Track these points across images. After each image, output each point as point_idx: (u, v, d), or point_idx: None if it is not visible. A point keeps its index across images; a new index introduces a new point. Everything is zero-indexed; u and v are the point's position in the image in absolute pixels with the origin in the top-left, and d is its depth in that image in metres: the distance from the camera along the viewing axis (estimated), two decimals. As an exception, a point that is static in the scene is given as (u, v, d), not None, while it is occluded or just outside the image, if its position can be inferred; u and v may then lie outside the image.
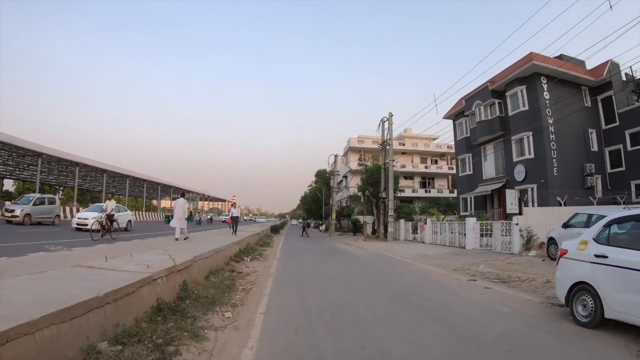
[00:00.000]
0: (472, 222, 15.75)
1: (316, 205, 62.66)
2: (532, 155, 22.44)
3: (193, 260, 6.55)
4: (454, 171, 45.51)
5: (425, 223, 19.60)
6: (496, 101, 24.96)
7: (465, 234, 16.49)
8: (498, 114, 24.80)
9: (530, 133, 22.50)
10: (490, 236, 15.57)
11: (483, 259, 12.45)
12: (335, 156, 35.43)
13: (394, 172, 23.27)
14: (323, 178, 66.89)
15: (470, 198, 26.98)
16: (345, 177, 44.13)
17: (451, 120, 30.29)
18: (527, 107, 23.03)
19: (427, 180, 44.70)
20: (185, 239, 11.44)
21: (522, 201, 14.49)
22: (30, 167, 38.48)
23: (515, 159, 23.41)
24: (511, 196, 14.13)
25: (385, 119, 24.20)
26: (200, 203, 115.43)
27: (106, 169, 37.48)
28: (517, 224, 13.42)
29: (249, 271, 8.95)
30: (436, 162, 45.73)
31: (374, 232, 26.25)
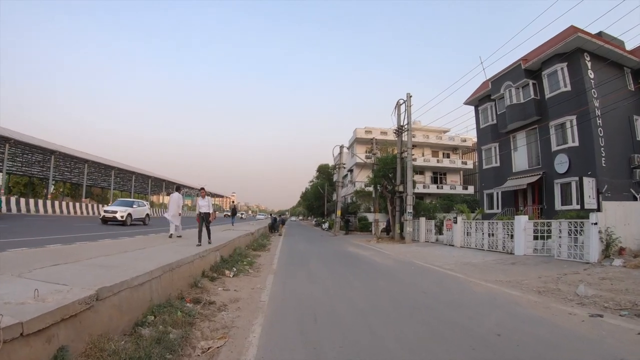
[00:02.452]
0: (523, 222, 12.36)
1: (318, 202, 59.27)
2: (576, 143, 19.04)
3: (93, 297, 3.15)
4: (468, 166, 42.23)
5: (455, 222, 16.17)
6: (530, 81, 21.52)
7: (512, 235, 13.14)
8: (532, 96, 21.36)
9: (574, 117, 19.09)
10: (541, 239, 12.24)
11: (556, 270, 9.11)
12: (341, 147, 31.84)
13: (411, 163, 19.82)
14: (325, 173, 63.42)
15: (497, 194, 23.55)
16: (350, 171, 40.56)
17: (473, 107, 26.89)
18: (569, 88, 19.60)
19: (439, 175, 41.21)
20: (179, 236, 10.83)
21: (602, 194, 11.11)
22: (14, 158, 35.05)
23: (554, 147, 20.00)
24: (588, 187, 10.77)
25: (402, 101, 20.73)
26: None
27: (87, 158, 33.76)
28: (595, 224, 10.02)
29: (225, 299, 5.54)
30: (448, 156, 42.23)
31: (387, 231, 22.84)
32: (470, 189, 40.35)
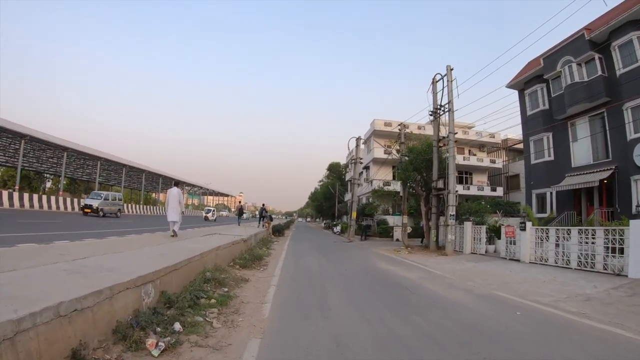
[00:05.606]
0: (645, 229, 8.33)
1: (328, 203, 55.31)
2: (664, 129, 14.92)
3: None
4: (497, 165, 37.83)
5: (522, 228, 12.07)
6: (596, 55, 17.39)
7: (614, 248, 9.14)
8: (600, 73, 17.22)
9: (660, 96, 14.98)
10: None
11: None
12: (357, 139, 27.82)
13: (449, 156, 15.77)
14: (336, 172, 59.40)
15: (552, 194, 19.38)
16: (366, 168, 36.49)
17: (516, 92, 22.79)
18: (650, 61, 15.48)
19: (464, 174, 36.92)
20: (172, 235, 10.23)
21: None
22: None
23: (632, 135, 15.87)
24: None
25: (440, 76, 16.76)
26: (205, 198, 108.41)
27: (66, 146, 29.97)
28: None
29: None
30: (474, 154, 37.94)
31: (421, 238, 18.83)
32: (499, 191, 36.10)
